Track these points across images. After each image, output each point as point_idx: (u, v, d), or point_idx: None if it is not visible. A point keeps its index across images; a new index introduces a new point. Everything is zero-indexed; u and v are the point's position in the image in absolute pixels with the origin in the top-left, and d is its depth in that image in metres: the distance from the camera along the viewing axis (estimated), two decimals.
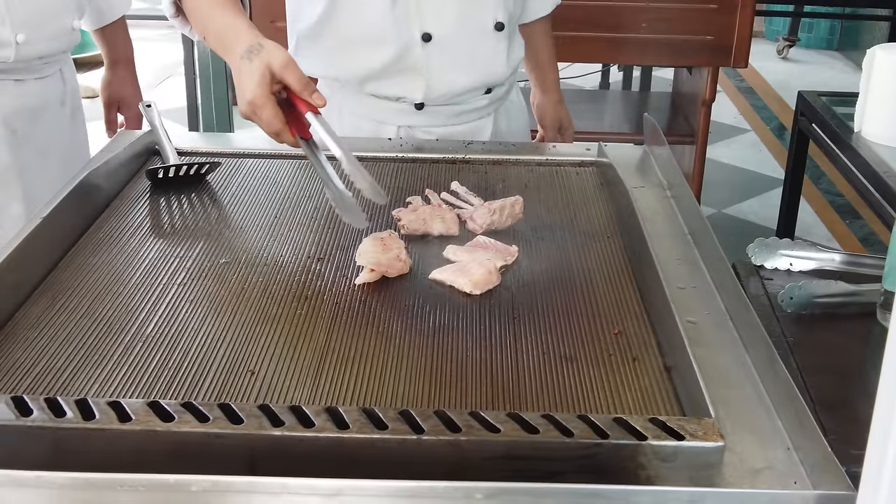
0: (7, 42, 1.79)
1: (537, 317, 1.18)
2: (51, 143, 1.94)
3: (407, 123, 1.75)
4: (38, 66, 1.89)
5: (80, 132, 2.07)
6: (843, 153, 2.80)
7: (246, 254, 1.33)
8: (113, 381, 1.03)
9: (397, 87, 1.70)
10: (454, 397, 1.01)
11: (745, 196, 4.33)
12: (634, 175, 1.61)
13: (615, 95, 4.41)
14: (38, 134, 1.90)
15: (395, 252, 1.25)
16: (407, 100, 1.71)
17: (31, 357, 1.07)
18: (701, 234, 1.37)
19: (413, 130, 1.76)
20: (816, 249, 1.47)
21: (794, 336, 1.30)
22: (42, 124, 1.91)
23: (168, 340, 1.11)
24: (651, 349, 1.12)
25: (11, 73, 1.84)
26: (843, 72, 6.49)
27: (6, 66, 1.81)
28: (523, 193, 1.54)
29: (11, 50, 1.80)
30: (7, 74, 1.83)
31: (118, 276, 1.25)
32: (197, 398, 1.00)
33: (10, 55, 1.79)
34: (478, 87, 1.73)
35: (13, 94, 1.85)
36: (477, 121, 1.79)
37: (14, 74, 1.84)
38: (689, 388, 1.01)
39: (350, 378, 1.04)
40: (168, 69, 5.91)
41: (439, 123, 1.76)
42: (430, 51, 1.67)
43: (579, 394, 1.02)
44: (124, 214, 1.44)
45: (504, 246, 1.34)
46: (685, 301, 1.21)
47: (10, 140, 1.85)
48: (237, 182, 1.57)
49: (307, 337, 1.12)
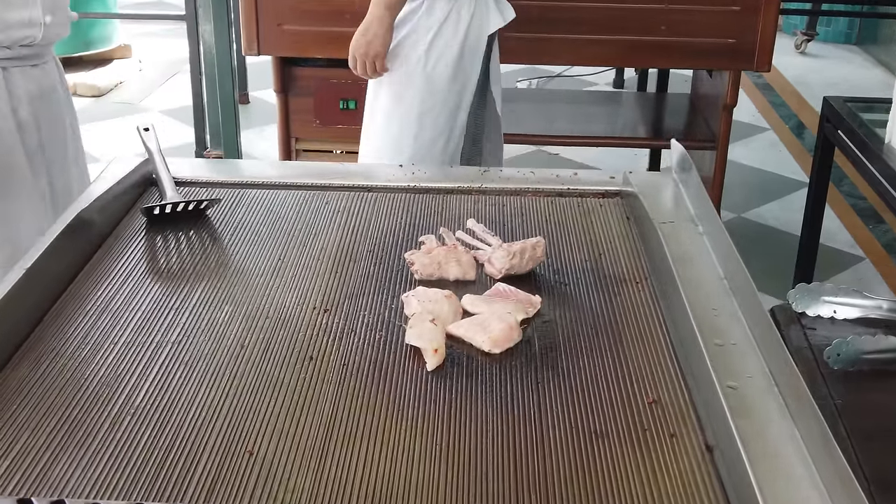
0: (37, 22, 1.85)
1: (563, 381, 1.08)
2: (60, 123, 2.01)
3: None
4: (46, 50, 1.95)
5: (74, 112, 2.12)
6: (871, 164, 2.69)
7: (246, 305, 1.23)
8: (97, 466, 0.93)
9: None
10: (474, 486, 0.92)
11: (765, 199, 4.21)
12: (662, 208, 1.51)
13: (630, 97, 4.28)
14: (52, 114, 1.97)
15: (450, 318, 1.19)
16: None
17: (12, 433, 0.98)
18: (737, 279, 1.27)
19: None
20: (861, 296, 1.37)
21: (843, 397, 1.20)
22: (53, 105, 1.98)
23: (159, 413, 1.01)
24: (690, 422, 1.02)
25: (30, 59, 1.90)
26: (863, 67, 6.35)
27: (29, 50, 1.87)
28: (544, 229, 1.44)
29: (39, 30, 1.85)
30: (27, 60, 1.89)
31: (107, 334, 1.16)
32: (189, 486, 0.91)
33: (38, 35, 1.85)
34: None
35: (33, 78, 1.91)
36: None
37: (31, 60, 1.91)
38: (734, 474, 0.92)
39: (358, 460, 0.95)
40: (174, 66, 5.80)
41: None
42: None
43: (614, 482, 0.93)
44: (117, 257, 1.34)
45: (526, 295, 1.24)
46: (724, 361, 1.11)
47: (34, 121, 1.91)
48: (239, 217, 1.48)
49: (311, 408, 1.03)
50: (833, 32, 6.89)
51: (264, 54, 2.95)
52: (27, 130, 1.89)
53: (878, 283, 3.53)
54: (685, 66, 3.64)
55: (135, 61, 5.86)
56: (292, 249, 1.38)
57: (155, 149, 1.58)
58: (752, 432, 0.98)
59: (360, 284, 1.28)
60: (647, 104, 4.02)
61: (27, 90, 1.89)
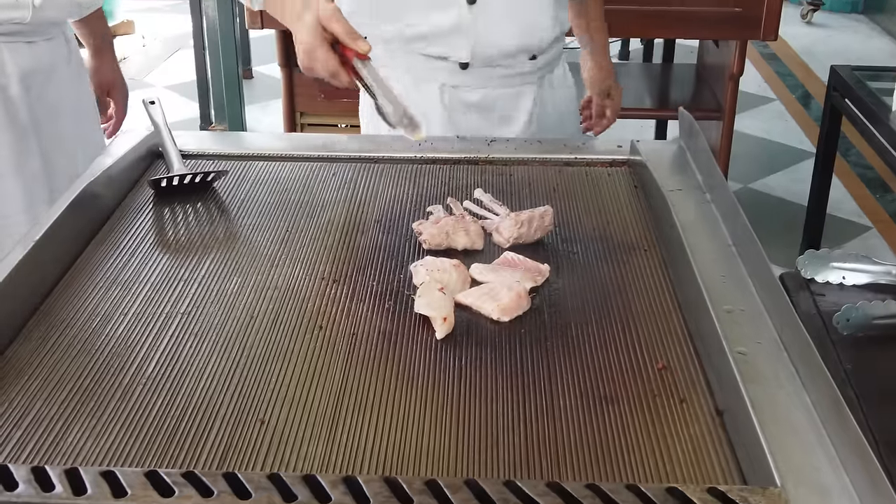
0: (25, 4, 1.84)
1: (572, 348, 1.08)
2: (61, 102, 2.00)
3: (451, 83, 1.72)
4: (47, 27, 1.94)
5: (86, 91, 2.11)
6: (878, 131, 2.68)
7: (255, 276, 1.23)
8: (109, 435, 0.93)
9: (444, 46, 1.68)
10: (484, 451, 0.92)
11: (772, 170, 4.19)
12: (670, 176, 1.50)
13: (636, 68, 4.26)
14: (50, 93, 1.95)
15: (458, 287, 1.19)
16: (453, 59, 1.69)
17: (23, 403, 0.98)
18: (746, 246, 1.27)
19: (458, 90, 1.72)
20: (870, 262, 1.36)
21: (852, 362, 1.19)
22: (53, 83, 1.96)
23: (170, 382, 1.02)
24: (699, 387, 1.02)
25: (24, 35, 1.89)
26: (869, 36, 6.31)
27: (20, 27, 1.86)
28: (551, 198, 1.44)
29: (28, 11, 1.84)
30: (20, 36, 1.88)
31: (117, 305, 1.16)
32: (202, 453, 0.91)
33: (27, 16, 1.84)
34: (523, 49, 1.72)
35: (27, 55, 1.90)
36: (520, 86, 1.76)
37: (26, 36, 1.90)
38: (745, 439, 0.92)
39: (369, 428, 0.95)
40: (178, 41, 5.78)
41: (482, 85, 1.73)
42: (477, 12, 1.64)
43: (624, 446, 0.93)
44: (125, 230, 1.34)
45: (534, 264, 1.23)
46: (734, 327, 1.10)
47: (25, 99, 1.90)
48: (246, 189, 1.47)
49: (322, 377, 1.03)
50: (839, 2, 6.84)
51: (268, 28, 2.94)
52: (17, 107, 1.87)
53: (886, 251, 3.52)
54: (691, 35, 3.61)
55: (138, 37, 5.84)
56: (300, 221, 1.38)
57: (161, 122, 1.57)
58: (763, 397, 0.98)
59: (369, 255, 1.28)
60: (653, 75, 4.00)
61: (19, 66, 1.87)
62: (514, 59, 1.71)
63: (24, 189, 1.90)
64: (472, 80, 1.72)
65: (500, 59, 1.70)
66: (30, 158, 1.92)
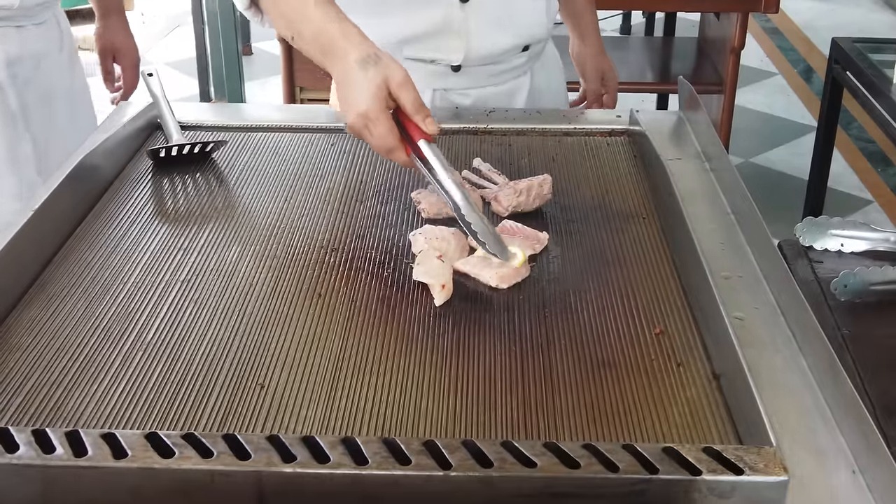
0: None
1: (570, 314, 1.09)
2: (53, 88, 1.97)
3: (442, 86, 1.65)
4: (37, 11, 1.90)
5: (80, 77, 2.08)
6: (880, 104, 2.68)
7: (254, 245, 1.23)
8: (110, 400, 0.94)
9: (435, 49, 1.60)
10: (482, 414, 0.92)
11: (773, 144, 4.19)
12: (670, 145, 1.50)
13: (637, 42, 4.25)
14: (40, 78, 1.93)
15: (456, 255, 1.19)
16: (443, 62, 1.61)
17: (24, 369, 0.99)
18: (745, 214, 1.27)
19: (448, 93, 1.66)
20: (869, 229, 1.36)
21: (849, 328, 1.20)
22: (43, 69, 1.94)
23: (170, 348, 1.02)
24: (696, 352, 1.03)
25: (13, 20, 1.86)
26: (872, 10, 6.27)
27: (8, 12, 1.83)
28: (550, 168, 1.44)
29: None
30: (9, 21, 1.85)
31: (117, 273, 1.16)
32: (202, 417, 0.92)
33: (15, 2, 1.82)
34: (518, 45, 1.64)
35: (15, 41, 1.87)
36: (514, 80, 1.70)
37: (15, 21, 1.87)
38: (741, 402, 0.92)
39: (368, 392, 0.95)
40: (177, 19, 5.76)
41: (476, 85, 1.66)
42: (469, 12, 1.57)
43: (621, 409, 0.93)
44: (124, 200, 1.34)
45: (533, 232, 1.24)
46: (731, 293, 1.11)
47: (15, 85, 1.87)
48: (244, 159, 1.48)
49: (321, 342, 1.03)
50: None
51: None
52: (5, 93, 1.84)
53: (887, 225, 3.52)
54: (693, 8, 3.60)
55: (137, 14, 5.81)
56: (299, 191, 1.38)
57: (159, 93, 1.57)
58: (760, 361, 0.99)
59: (367, 224, 1.29)
60: (654, 48, 3.99)
61: (6, 52, 1.84)
62: (508, 55, 1.64)
63: (16, 175, 1.87)
64: (465, 82, 1.64)
65: (493, 57, 1.63)
66: (20, 145, 1.89)
